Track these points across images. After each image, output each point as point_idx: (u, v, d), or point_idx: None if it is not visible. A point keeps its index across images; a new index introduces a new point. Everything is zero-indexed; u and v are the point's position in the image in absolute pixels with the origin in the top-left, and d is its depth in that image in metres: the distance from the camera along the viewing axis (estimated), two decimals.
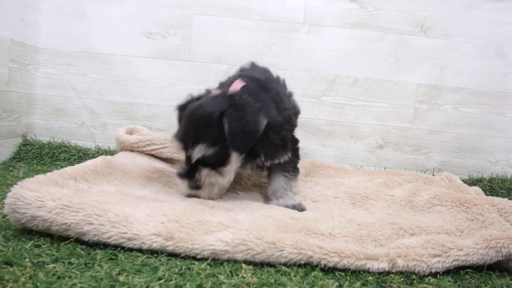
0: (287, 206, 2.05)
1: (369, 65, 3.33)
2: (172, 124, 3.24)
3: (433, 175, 3.14)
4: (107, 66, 3.29)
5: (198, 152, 1.86)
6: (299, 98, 3.23)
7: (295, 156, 2.29)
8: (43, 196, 1.47)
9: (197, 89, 3.20)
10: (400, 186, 2.47)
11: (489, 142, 3.35)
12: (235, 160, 1.95)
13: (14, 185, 1.54)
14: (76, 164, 2.02)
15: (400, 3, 3.29)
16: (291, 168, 2.23)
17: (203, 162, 1.90)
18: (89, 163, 2.08)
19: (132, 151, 2.75)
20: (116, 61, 3.29)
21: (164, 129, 3.32)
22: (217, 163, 1.92)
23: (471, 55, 3.31)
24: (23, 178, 2.41)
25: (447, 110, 3.34)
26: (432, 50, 3.32)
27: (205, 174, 1.92)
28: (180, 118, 2.05)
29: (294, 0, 3.29)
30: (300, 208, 2.05)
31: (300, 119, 3.18)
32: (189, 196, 2.03)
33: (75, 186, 1.78)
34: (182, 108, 2.07)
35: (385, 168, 3.30)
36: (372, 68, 3.33)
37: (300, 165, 2.82)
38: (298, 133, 2.36)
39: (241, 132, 1.85)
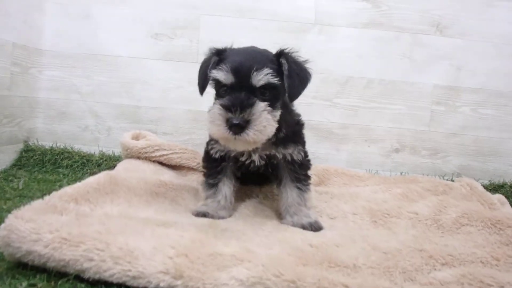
0: (303, 226, 1.91)
1: (383, 66, 3.20)
2: (178, 128, 3.15)
3: (452, 180, 3.02)
4: (112, 68, 3.17)
5: (265, 76, 1.76)
6: (310, 101, 3.13)
7: (306, 159, 2.14)
8: (39, 228, 1.35)
9: (205, 92, 3.11)
10: (422, 199, 2.33)
11: (509, 145, 3.21)
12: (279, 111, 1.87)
13: (9, 215, 1.40)
14: (78, 183, 1.89)
15: (414, 2, 3.15)
16: (302, 176, 2.07)
17: (262, 94, 1.78)
18: (92, 180, 1.94)
19: (139, 157, 2.63)
20: (121, 63, 3.17)
21: (170, 132, 3.20)
22: (272, 100, 1.81)
23: (489, 54, 3.17)
24: (23, 189, 2.32)
25: (465, 112, 3.21)
26: (448, 49, 3.18)
27: (262, 106, 1.74)
28: (215, 63, 1.88)
29: None
30: (316, 227, 1.92)
31: (312, 122, 3.10)
32: (198, 215, 1.94)
33: (76, 210, 1.64)
34: (219, 53, 1.92)
35: (401, 173, 3.18)
36: (387, 69, 3.20)
37: (313, 172, 2.70)
38: (309, 136, 2.30)
39: (297, 75, 1.87)
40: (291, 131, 2.02)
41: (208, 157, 2.11)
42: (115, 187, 1.98)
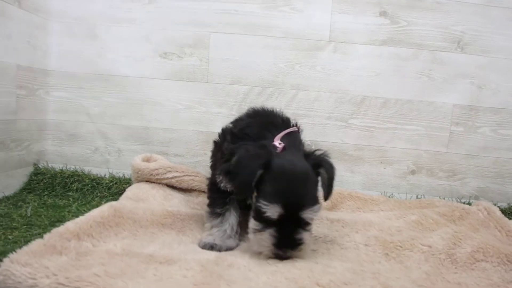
0: None
1: (400, 85, 3.10)
2: (190, 149, 3.07)
3: (469, 203, 2.93)
4: (120, 88, 3.11)
5: (315, 213, 1.72)
6: (324, 122, 3.06)
7: None
8: (36, 273, 1.27)
9: (216, 112, 3.05)
10: (438, 227, 2.23)
11: None
12: None
13: (4, 259, 1.33)
14: (81, 216, 1.81)
15: (435, 17, 3.05)
16: None
17: (307, 222, 1.74)
18: (95, 213, 1.86)
19: (149, 180, 2.59)
20: (129, 83, 3.10)
21: (181, 154, 3.13)
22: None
23: None
24: (31, 217, 2.26)
25: (485, 133, 3.10)
26: (470, 67, 3.08)
27: (309, 236, 1.76)
28: (261, 179, 1.74)
29: (320, 16, 3.07)
30: None
31: (326, 143, 3.03)
32: (205, 247, 1.87)
33: (77, 248, 1.56)
34: (265, 166, 1.75)
35: (417, 196, 3.09)
36: (404, 88, 3.10)
37: None
38: None
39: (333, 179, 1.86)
40: None
41: (215, 188, 2.02)
42: (120, 220, 1.91)
